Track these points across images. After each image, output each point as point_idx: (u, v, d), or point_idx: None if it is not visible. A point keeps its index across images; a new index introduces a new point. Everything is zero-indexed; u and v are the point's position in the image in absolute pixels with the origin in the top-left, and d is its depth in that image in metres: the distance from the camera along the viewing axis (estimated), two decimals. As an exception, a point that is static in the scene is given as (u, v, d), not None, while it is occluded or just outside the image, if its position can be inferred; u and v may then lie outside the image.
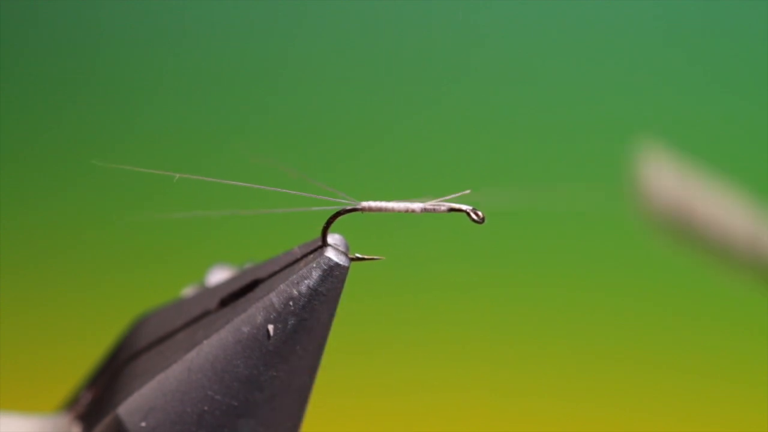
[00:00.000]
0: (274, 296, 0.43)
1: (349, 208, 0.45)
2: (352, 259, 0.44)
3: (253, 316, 0.43)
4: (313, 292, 0.43)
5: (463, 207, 0.45)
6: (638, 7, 1.14)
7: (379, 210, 0.45)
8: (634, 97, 1.14)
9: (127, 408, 0.43)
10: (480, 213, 0.45)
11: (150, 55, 1.15)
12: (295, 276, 0.43)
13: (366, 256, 0.45)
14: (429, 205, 0.45)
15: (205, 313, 0.46)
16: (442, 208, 0.45)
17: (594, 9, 1.15)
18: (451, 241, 1.10)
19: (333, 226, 0.45)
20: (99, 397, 0.49)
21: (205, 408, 0.43)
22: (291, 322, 0.43)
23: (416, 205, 0.45)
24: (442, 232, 1.09)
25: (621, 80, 1.14)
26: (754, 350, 1.07)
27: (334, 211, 0.45)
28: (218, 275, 0.50)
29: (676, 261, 1.07)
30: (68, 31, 1.15)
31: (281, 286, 0.43)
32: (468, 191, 0.45)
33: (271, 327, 0.43)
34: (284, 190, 0.46)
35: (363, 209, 0.45)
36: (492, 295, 1.10)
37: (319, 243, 0.45)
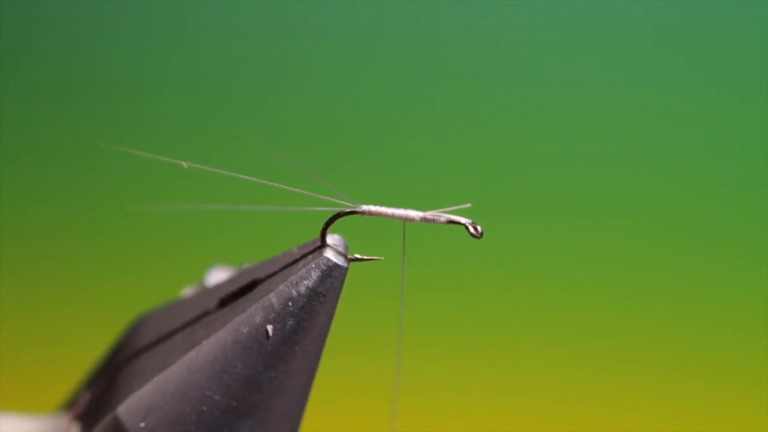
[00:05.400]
0: (273, 297, 0.43)
1: (348, 210, 0.45)
2: (351, 260, 0.44)
3: (252, 316, 0.43)
4: (312, 293, 0.43)
5: (462, 220, 0.45)
6: (635, 8, 1.14)
7: (378, 215, 0.45)
8: (634, 99, 1.14)
9: (127, 408, 0.43)
10: (479, 227, 0.44)
11: (153, 52, 1.15)
12: (294, 276, 0.43)
13: (365, 257, 0.45)
14: (428, 215, 0.45)
15: (204, 314, 0.46)
16: (441, 219, 0.45)
17: (591, 10, 1.15)
18: (451, 241, 1.10)
19: (332, 226, 0.45)
20: (98, 397, 0.49)
21: (204, 408, 0.43)
22: (290, 322, 0.43)
23: (415, 214, 0.45)
24: (442, 232, 1.09)
25: (620, 81, 1.14)
26: (754, 350, 1.07)
27: (334, 212, 0.45)
28: (217, 275, 0.50)
29: (675, 261, 1.07)
30: (74, 25, 1.15)
31: (280, 286, 0.43)
32: (469, 204, 0.45)
33: (270, 327, 0.43)
34: (284, 186, 0.46)
35: (362, 213, 0.45)
36: (492, 295, 1.10)
37: (319, 243, 0.45)
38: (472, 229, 0.44)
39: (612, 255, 1.11)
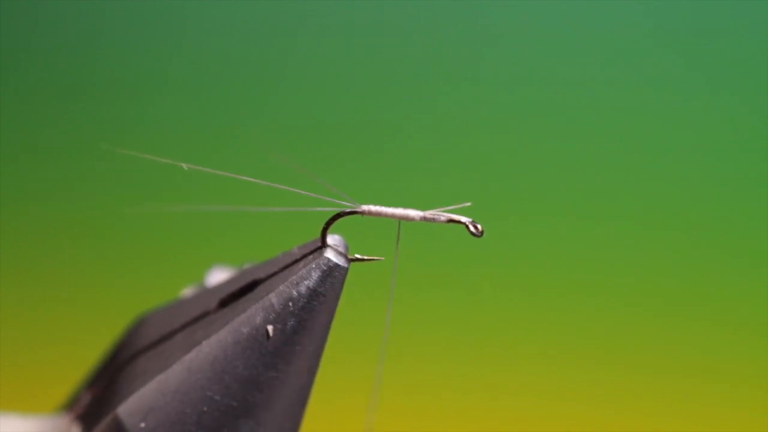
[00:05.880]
0: (273, 297, 0.43)
1: (348, 210, 0.45)
2: (351, 260, 0.44)
3: (253, 316, 0.43)
4: (313, 293, 0.43)
5: (462, 219, 0.45)
6: (635, 8, 1.14)
7: (379, 215, 0.45)
8: (634, 99, 1.14)
9: (127, 408, 0.43)
10: (479, 226, 0.44)
11: (155, 52, 1.15)
12: (294, 277, 0.43)
13: (365, 257, 0.45)
14: (428, 214, 0.45)
15: (205, 314, 0.46)
16: (442, 218, 0.45)
17: (591, 10, 1.15)
18: (452, 241, 1.10)
19: (333, 227, 0.45)
20: (99, 397, 0.49)
21: (205, 408, 0.43)
22: (290, 322, 0.43)
23: (415, 213, 0.45)
24: (442, 232, 1.09)
25: (620, 81, 1.14)
26: (754, 350, 1.07)
27: (334, 213, 0.45)
28: (217, 276, 0.50)
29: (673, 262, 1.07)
30: (75, 25, 1.15)
31: (280, 286, 0.43)
32: (469, 203, 0.45)
33: (270, 328, 0.43)
34: (284, 187, 0.46)
35: (363, 212, 0.45)
36: (492, 295, 1.10)
37: (319, 244, 0.45)
38: (472, 228, 0.44)
39: (612, 255, 1.11)
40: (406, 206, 0.45)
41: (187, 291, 0.52)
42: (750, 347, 1.08)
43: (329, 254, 0.44)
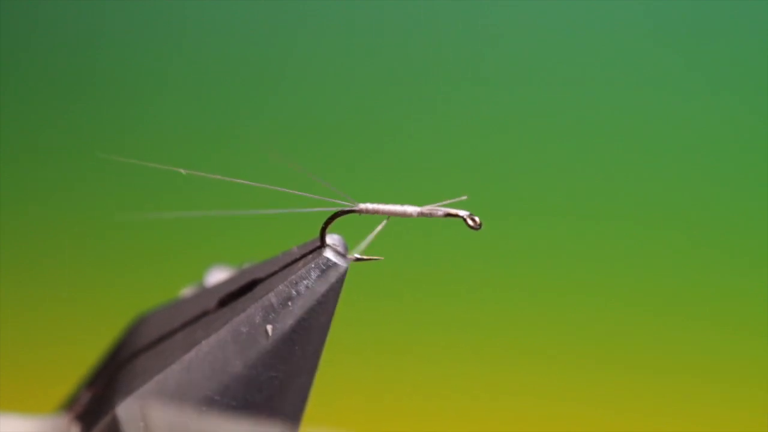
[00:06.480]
0: (272, 296, 0.43)
1: (347, 209, 0.45)
2: (350, 260, 0.44)
3: (252, 316, 0.43)
4: (312, 293, 0.43)
5: (460, 212, 0.45)
6: (635, 8, 1.14)
7: (376, 212, 0.45)
8: (634, 99, 1.14)
9: (126, 408, 0.43)
10: (477, 219, 0.44)
11: (152, 53, 1.15)
12: (293, 276, 0.43)
13: (365, 257, 0.45)
14: (426, 209, 0.45)
15: (204, 314, 0.46)
16: (439, 212, 0.45)
17: (591, 10, 1.15)
18: (450, 241, 1.10)
19: (332, 226, 0.45)
20: (98, 396, 0.49)
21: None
22: (290, 322, 0.43)
23: (413, 209, 0.45)
24: (441, 232, 1.09)
25: (620, 81, 1.14)
26: (754, 350, 1.07)
27: (333, 212, 0.45)
28: (217, 275, 0.51)
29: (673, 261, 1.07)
30: (72, 27, 1.15)
31: (280, 286, 0.43)
32: (465, 197, 0.45)
33: (269, 327, 0.43)
34: (283, 189, 0.46)
35: (361, 211, 0.45)
36: (491, 295, 1.10)
37: (318, 243, 0.45)
38: (470, 221, 0.44)
39: (612, 255, 1.11)
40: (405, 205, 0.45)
41: (187, 291, 0.52)
42: (750, 347, 1.08)
43: (328, 254, 0.44)
